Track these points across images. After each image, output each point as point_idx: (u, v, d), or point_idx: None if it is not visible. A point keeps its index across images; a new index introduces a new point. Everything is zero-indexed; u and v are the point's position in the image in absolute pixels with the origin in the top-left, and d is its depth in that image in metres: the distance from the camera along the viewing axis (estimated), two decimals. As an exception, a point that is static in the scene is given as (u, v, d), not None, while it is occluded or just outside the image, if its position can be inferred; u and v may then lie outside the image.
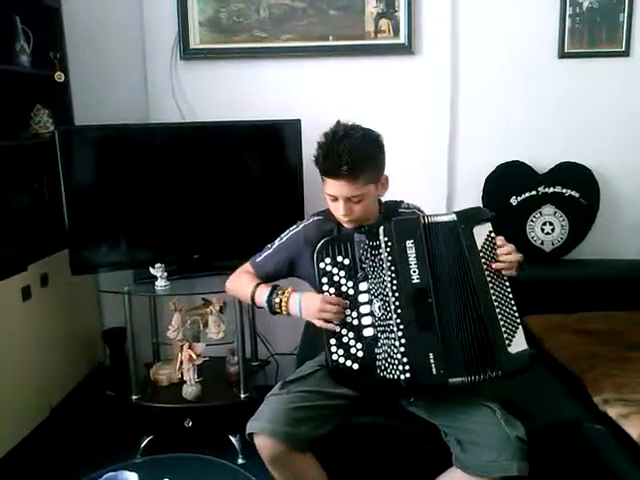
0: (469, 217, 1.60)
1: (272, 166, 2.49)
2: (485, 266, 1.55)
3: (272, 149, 2.49)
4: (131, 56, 2.64)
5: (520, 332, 1.55)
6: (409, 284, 1.55)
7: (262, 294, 1.69)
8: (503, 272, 1.56)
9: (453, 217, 1.59)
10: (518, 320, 1.55)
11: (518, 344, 1.54)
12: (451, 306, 1.55)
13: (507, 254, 1.56)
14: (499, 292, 1.56)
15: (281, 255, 1.77)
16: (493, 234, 1.59)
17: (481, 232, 1.58)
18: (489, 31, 2.57)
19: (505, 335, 1.53)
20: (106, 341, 2.69)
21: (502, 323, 1.53)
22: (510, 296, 1.57)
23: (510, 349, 1.53)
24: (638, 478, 1.53)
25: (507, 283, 1.57)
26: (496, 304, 1.54)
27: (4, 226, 2.26)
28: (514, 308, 1.56)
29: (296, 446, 1.56)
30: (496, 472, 1.48)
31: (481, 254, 1.56)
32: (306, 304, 1.62)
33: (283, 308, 1.66)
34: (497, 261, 1.56)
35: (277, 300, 1.66)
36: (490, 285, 1.55)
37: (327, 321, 1.59)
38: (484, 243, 1.57)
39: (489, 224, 1.59)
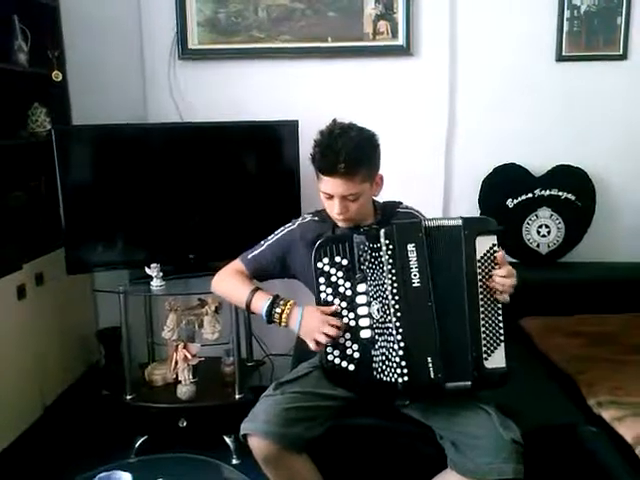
0: (475, 225, 1.58)
1: (269, 167, 2.49)
2: (480, 276, 1.54)
3: (269, 150, 2.49)
4: (129, 56, 2.63)
5: (501, 349, 1.54)
6: (409, 288, 1.54)
7: (261, 302, 1.65)
8: (496, 295, 1.55)
9: (459, 222, 1.57)
10: (502, 337, 1.55)
11: (495, 361, 1.54)
12: (450, 310, 1.55)
13: (503, 276, 1.54)
14: (488, 305, 1.55)
15: (274, 252, 1.75)
16: (497, 248, 1.56)
17: (484, 243, 1.56)
18: (487, 33, 2.58)
19: (484, 349, 1.53)
20: (101, 341, 2.68)
21: (484, 336, 1.53)
22: (499, 312, 1.56)
23: (486, 363, 1.53)
24: (632, 481, 1.53)
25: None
26: (482, 316, 1.54)
27: (0, 224, 2.26)
28: (500, 325, 1.55)
29: (290, 447, 1.56)
30: (491, 475, 1.48)
31: (479, 264, 1.55)
32: (306, 322, 1.59)
33: (283, 320, 1.62)
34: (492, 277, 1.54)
35: (278, 311, 1.62)
36: (481, 297, 1.54)
37: (319, 343, 1.57)
38: (484, 254, 1.55)
39: (495, 237, 1.57)
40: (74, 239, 2.30)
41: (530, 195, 2.60)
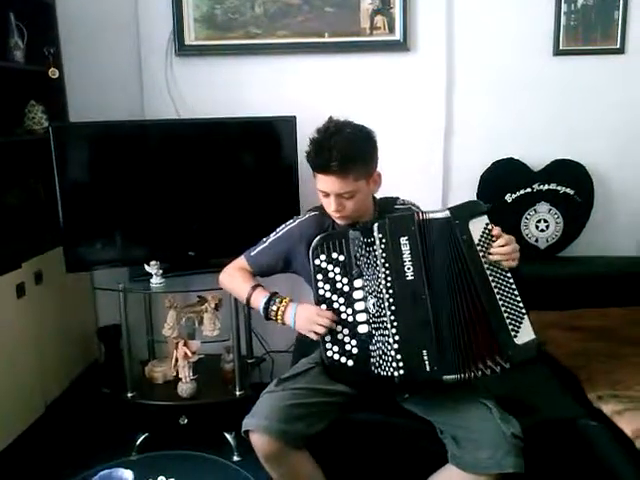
0: (463, 212, 1.59)
1: (267, 163, 2.49)
2: (484, 259, 1.55)
3: (267, 146, 2.48)
4: (126, 52, 2.63)
5: (526, 322, 1.55)
6: (403, 281, 1.55)
7: (259, 299, 1.69)
8: (503, 264, 1.55)
9: (447, 213, 1.58)
10: (523, 310, 1.55)
11: (525, 334, 1.54)
12: (447, 303, 1.55)
13: (502, 245, 1.55)
14: (501, 285, 1.55)
15: (276, 249, 1.77)
16: (490, 226, 1.57)
17: (477, 226, 1.57)
18: (484, 28, 2.58)
19: (511, 327, 1.53)
20: (101, 338, 2.68)
21: (506, 315, 1.53)
22: (513, 287, 1.56)
23: (517, 340, 1.53)
24: (632, 474, 1.54)
25: (509, 274, 1.56)
26: (499, 297, 1.54)
27: (-2, 223, 2.26)
28: (518, 299, 1.55)
29: (292, 443, 1.56)
30: (492, 469, 1.49)
31: (479, 247, 1.55)
32: (300, 316, 1.62)
33: (279, 317, 1.65)
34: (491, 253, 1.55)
35: (274, 308, 1.66)
36: (491, 278, 1.54)
37: (317, 333, 1.60)
38: (481, 236, 1.56)
39: (485, 217, 1.58)
40: (73, 237, 2.29)
41: (529, 190, 2.60)
